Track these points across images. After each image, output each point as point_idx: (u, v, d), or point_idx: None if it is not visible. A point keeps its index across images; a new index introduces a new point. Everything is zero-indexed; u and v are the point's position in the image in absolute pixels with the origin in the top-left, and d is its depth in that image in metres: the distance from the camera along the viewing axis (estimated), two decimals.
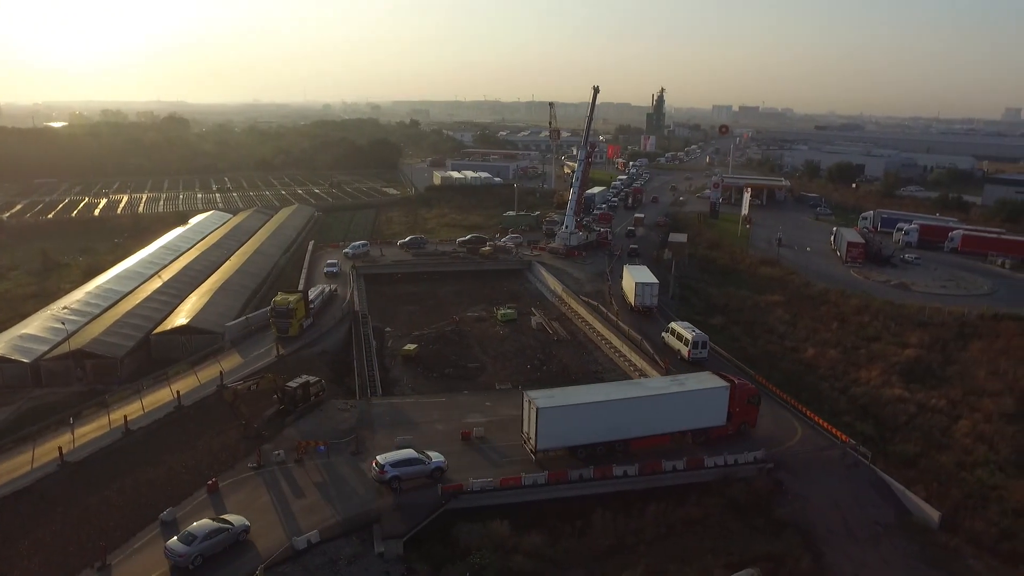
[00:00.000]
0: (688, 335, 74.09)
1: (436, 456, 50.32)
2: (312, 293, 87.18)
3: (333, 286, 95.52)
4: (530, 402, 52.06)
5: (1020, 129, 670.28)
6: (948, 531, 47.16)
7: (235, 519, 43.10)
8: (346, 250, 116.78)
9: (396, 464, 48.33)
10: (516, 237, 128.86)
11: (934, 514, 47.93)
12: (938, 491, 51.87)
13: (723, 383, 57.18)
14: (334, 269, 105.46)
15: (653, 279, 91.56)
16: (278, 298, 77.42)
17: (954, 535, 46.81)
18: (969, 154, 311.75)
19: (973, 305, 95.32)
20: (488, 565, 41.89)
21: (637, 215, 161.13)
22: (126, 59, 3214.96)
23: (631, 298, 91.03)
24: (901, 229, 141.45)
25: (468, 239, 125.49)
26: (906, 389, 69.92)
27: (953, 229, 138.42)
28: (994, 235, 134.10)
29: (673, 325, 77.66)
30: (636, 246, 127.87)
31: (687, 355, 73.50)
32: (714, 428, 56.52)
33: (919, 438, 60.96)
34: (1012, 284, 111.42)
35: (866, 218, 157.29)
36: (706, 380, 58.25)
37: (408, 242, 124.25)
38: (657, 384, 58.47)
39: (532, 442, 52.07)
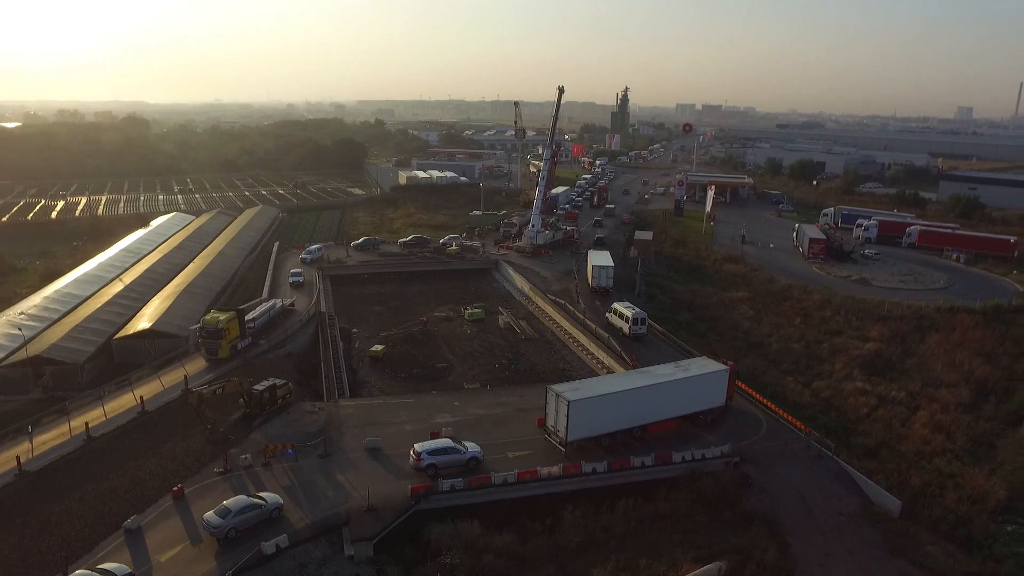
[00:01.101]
0: (628, 313, 79.10)
1: (472, 446, 51.98)
2: (259, 309, 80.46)
3: (289, 300, 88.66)
4: (557, 396, 53.15)
5: (972, 127, 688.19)
6: (908, 519, 48.59)
7: (269, 497, 45.29)
8: (303, 255, 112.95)
9: (433, 452, 50.31)
10: (455, 238, 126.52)
11: (895, 503, 49.28)
12: (898, 481, 53.45)
13: (723, 366, 60.93)
14: (299, 279, 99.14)
15: (609, 263, 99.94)
16: (208, 317, 71.70)
17: (914, 523, 48.27)
18: (925, 151, 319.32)
19: (930, 299, 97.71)
20: (459, 565, 41.87)
21: (608, 206, 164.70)
22: (83, 58, 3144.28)
23: (590, 280, 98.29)
24: (861, 225, 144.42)
25: (409, 240, 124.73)
26: (867, 382, 71.66)
27: (910, 225, 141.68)
28: (949, 230, 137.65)
29: (615, 305, 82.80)
30: (602, 235, 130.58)
31: (628, 332, 78.20)
32: (715, 408, 59.92)
33: (880, 429, 62.56)
34: (966, 278, 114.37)
35: (827, 214, 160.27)
36: (706, 364, 61.57)
37: (361, 243, 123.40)
38: (666, 371, 60.17)
39: (562, 434, 53.15)
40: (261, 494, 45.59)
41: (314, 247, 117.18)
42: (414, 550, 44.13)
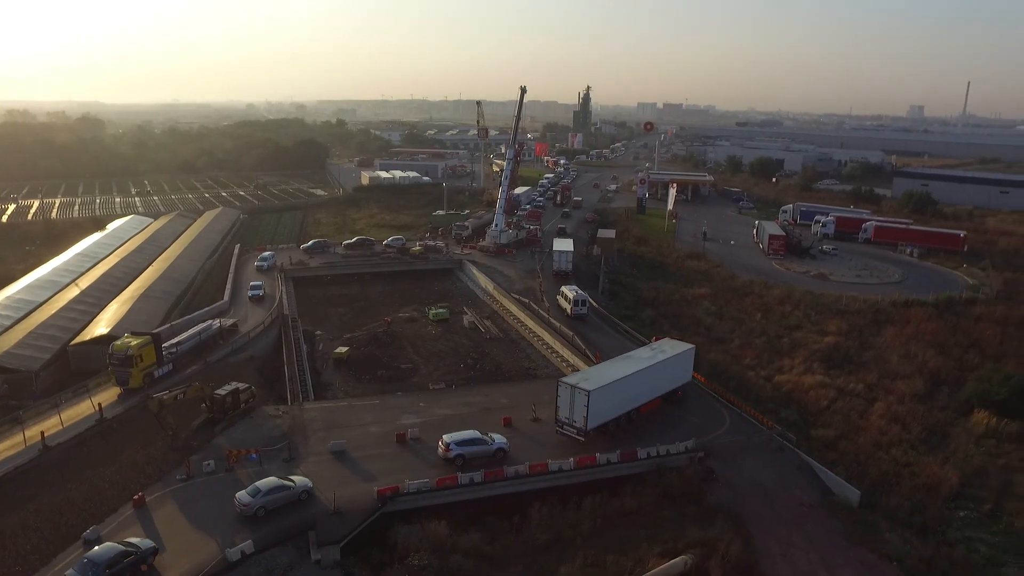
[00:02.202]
0: (571, 295, 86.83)
1: (498, 438, 53.56)
2: (188, 332, 73.64)
3: (231, 320, 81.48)
4: (573, 387, 54.07)
5: (923, 125, 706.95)
6: (867, 508, 49.81)
7: (298, 479, 47.07)
8: (257, 263, 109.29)
9: (460, 443, 51.92)
10: (399, 239, 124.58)
11: (854, 493, 50.52)
12: (857, 471, 54.77)
13: (689, 345, 65.77)
14: (259, 292, 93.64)
15: (569, 248, 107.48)
16: (118, 342, 63.95)
17: (872, 511, 49.48)
18: (879, 149, 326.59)
19: (886, 293, 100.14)
20: (427, 566, 41.83)
21: (576, 198, 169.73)
22: (33, 57, 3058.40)
23: (553, 265, 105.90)
24: (819, 221, 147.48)
25: (353, 242, 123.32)
26: (826, 375, 73.18)
27: (866, 221, 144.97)
28: (903, 226, 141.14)
29: (563, 288, 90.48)
30: (564, 226, 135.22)
31: (571, 312, 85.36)
32: (686, 384, 64.73)
33: (839, 421, 63.95)
34: (920, 272, 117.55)
35: (786, 211, 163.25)
36: (676, 345, 65.40)
37: (311, 246, 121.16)
38: (646, 354, 62.99)
39: (580, 423, 54.22)
40: (291, 477, 47.14)
41: (267, 253, 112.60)
42: (381, 552, 43.85)
